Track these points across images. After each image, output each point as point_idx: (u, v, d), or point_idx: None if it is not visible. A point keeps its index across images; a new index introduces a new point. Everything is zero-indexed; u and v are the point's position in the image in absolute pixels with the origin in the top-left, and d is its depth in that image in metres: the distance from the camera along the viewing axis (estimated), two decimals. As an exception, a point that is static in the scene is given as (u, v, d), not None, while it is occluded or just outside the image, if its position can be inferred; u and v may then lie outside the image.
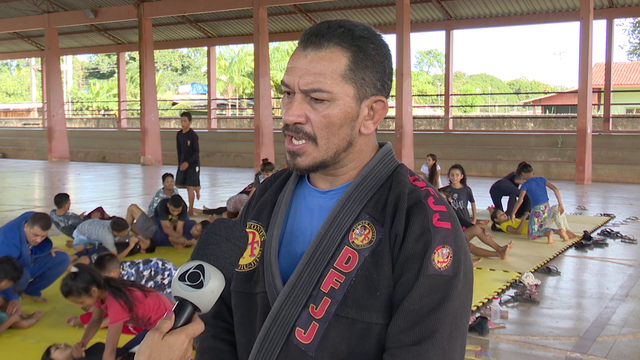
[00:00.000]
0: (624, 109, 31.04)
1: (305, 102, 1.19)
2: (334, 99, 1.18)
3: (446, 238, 1.15)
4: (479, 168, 17.42)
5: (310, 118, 1.19)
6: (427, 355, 1.10)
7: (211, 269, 1.09)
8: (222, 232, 1.12)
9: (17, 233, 5.48)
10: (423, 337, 1.11)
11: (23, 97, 50.24)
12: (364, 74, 1.19)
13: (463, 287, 1.15)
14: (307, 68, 1.18)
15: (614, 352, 4.43)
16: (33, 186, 16.06)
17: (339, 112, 1.19)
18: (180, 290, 1.08)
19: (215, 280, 1.08)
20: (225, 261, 1.11)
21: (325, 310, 1.16)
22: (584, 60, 15.15)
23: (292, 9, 21.55)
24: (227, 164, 21.36)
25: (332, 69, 1.17)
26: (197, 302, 1.07)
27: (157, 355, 1.03)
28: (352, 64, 1.18)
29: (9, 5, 23.32)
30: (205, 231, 1.14)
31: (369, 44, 1.20)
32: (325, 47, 1.18)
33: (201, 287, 1.07)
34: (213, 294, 1.08)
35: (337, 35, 1.18)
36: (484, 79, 62.95)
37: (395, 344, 1.13)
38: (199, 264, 1.09)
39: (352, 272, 1.16)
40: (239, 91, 42.94)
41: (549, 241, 8.15)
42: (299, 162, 1.21)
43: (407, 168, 1.27)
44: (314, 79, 1.17)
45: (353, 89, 1.19)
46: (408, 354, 1.11)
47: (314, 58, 1.18)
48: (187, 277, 1.08)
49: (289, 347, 1.18)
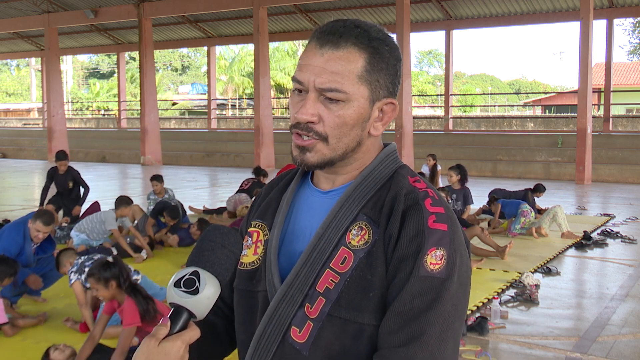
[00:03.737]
0: (624, 109, 31.03)
1: (319, 101, 1.18)
2: (349, 100, 1.17)
3: (441, 240, 1.13)
4: (479, 168, 17.42)
5: (324, 117, 1.18)
6: (415, 356, 1.09)
7: (207, 275, 1.09)
8: (217, 239, 1.13)
9: (21, 230, 5.51)
10: (411, 338, 1.10)
11: (23, 97, 50.23)
12: (378, 76, 1.19)
13: (457, 290, 1.14)
14: (324, 67, 1.16)
15: (614, 352, 4.43)
16: (33, 186, 16.06)
17: (353, 113, 1.18)
18: (176, 297, 1.08)
19: (210, 287, 1.08)
20: (221, 267, 1.11)
21: (320, 310, 1.16)
22: (584, 60, 15.15)
23: (292, 9, 21.55)
24: (227, 164, 21.36)
25: (349, 69, 1.16)
26: (193, 309, 1.07)
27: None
28: (369, 65, 1.18)
29: (9, 5, 23.32)
30: (200, 238, 1.15)
31: (384, 46, 1.19)
32: (343, 47, 1.17)
33: (197, 293, 1.07)
34: (209, 300, 1.08)
35: (354, 35, 1.17)
36: (484, 79, 62.94)
37: (385, 344, 1.12)
38: (194, 270, 1.09)
39: (346, 273, 1.16)
40: (239, 91, 42.94)
41: (534, 235, 8.36)
42: (308, 158, 1.20)
43: (409, 169, 1.27)
44: (331, 78, 1.16)
45: (368, 91, 1.19)
46: (396, 355, 1.10)
47: (332, 57, 1.16)
48: (183, 283, 1.08)
49: (285, 346, 1.19)
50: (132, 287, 4.07)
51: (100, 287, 4.06)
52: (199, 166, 21.20)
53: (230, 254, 1.13)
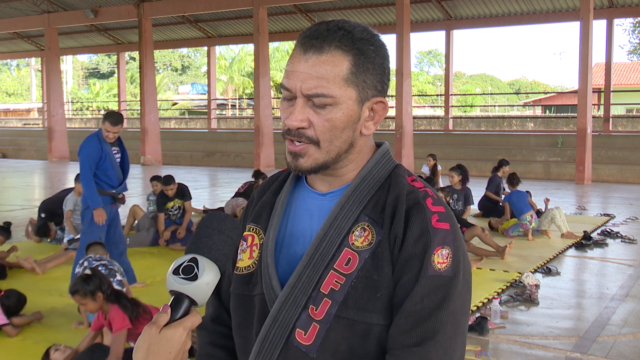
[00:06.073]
0: (624, 109, 31.02)
1: (308, 106, 1.18)
2: (336, 103, 1.18)
3: (445, 239, 1.15)
4: (479, 168, 17.40)
5: (313, 122, 1.18)
6: (429, 355, 1.11)
7: (205, 261, 1.09)
8: (213, 225, 1.13)
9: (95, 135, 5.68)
10: (425, 337, 1.11)
11: (23, 97, 50.22)
12: (365, 77, 1.19)
13: (462, 288, 1.16)
14: (309, 72, 1.17)
15: (614, 352, 4.43)
16: (33, 186, 16.06)
17: (342, 116, 1.19)
18: (175, 284, 1.07)
19: (209, 272, 1.08)
20: (219, 253, 1.11)
21: (326, 311, 1.17)
22: (584, 60, 15.15)
23: (292, 9, 21.55)
24: (227, 164, 21.36)
25: (335, 73, 1.17)
26: (193, 295, 1.07)
27: (155, 349, 1.03)
28: (354, 67, 1.18)
29: (9, 5, 23.32)
30: (197, 226, 1.15)
31: (369, 46, 1.19)
32: (326, 51, 1.17)
33: (196, 279, 1.07)
34: (208, 286, 1.08)
35: (338, 38, 1.17)
36: (484, 79, 62.94)
37: (397, 345, 1.13)
38: (192, 257, 1.09)
39: (352, 274, 1.17)
40: (239, 91, 42.95)
41: (529, 238, 8.36)
42: (301, 164, 1.21)
43: (404, 168, 1.28)
44: (316, 83, 1.16)
45: (355, 92, 1.19)
46: (410, 354, 1.11)
47: (316, 62, 1.17)
48: (182, 270, 1.08)
49: (289, 349, 1.19)
50: (115, 294, 4.09)
51: (88, 301, 4.06)
52: (199, 166, 21.20)
53: (228, 239, 1.13)
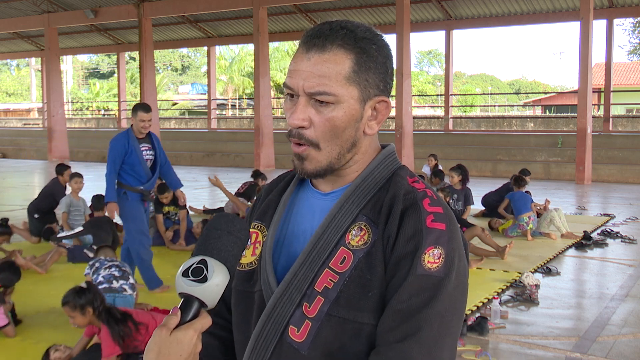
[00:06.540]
0: (624, 109, 31.03)
1: (310, 105, 1.19)
2: (338, 102, 1.18)
3: (439, 239, 1.14)
4: (479, 168, 17.42)
5: (314, 121, 1.19)
6: (411, 352, 1.09)
7: (214, 262, 1.08)
8: (222, 226, 1.12)
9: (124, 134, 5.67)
10: (408, 334, 1.10)
11: (23, 97, 50.23)
12: (367, 76, 1.20)
13: (455, 289, 1.14)
14: (311, 70, 1.18)
15: (614, 352, 4.43)
16: (33, 186, 16.05)
17: (343, 115, 1.19)
18: (185, 286, 1.07)
19: (219, 274, 1.07)
20: (228, 254, 1.10)
21: (318, 309, 1.17)
22: (584, 60, 15.14)
23: (292, 9, 21.55)
24: (227, 164, 21.36)
25: (337, 71, 1.17)
26: (203, 297, 1.07)
27: (166, 351, 1.03)
28: (356, 66, 1.18)
29: (9, 5, 23.31)
30: (205, 227, 1.14)
31: (371, 45, 1.20)
32: (328, 50, 1.18)
33: (205, 281, 1.06)
34: (218, 287, 1.07)
35: (340, 37, 1.18)
36: (484, 79, 62.95)
37: (382, 341, 1.13)
38: (201, 259, 1.08)
39: (345, 272, 1.17)
40: (239, 91, 42.95)
41: (528, 238, 8.35)
42: (305, 166, 1.22)
43: (407, 169, 1.28)
44: (318, 81, 1.17)
45: (357, 91, 1.19)
46: (392, 351, 1.11)
47: (318, 60, 1.18)
48: (191, 272, 1.07)
49: (283, 345, 1.19)
50: (107, 312, 4.01)
51: (77, 315, 3.99)
52: (199, 166, 21.19)
53: (237, 240, 1.12)
